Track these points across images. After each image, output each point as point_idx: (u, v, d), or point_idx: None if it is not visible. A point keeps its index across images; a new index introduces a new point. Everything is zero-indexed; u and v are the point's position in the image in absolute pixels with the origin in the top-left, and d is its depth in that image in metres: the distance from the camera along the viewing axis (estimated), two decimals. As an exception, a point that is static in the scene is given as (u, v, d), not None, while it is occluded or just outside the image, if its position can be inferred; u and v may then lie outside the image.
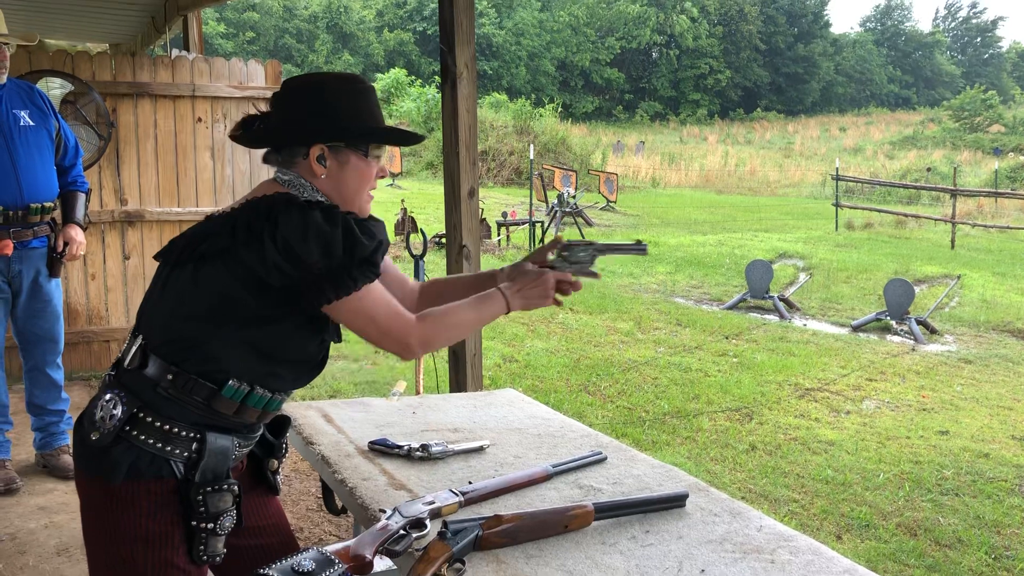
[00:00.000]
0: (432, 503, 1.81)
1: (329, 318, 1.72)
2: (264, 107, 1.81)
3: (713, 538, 1.77)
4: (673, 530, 1.81)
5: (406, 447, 2.23)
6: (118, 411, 1.61)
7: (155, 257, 1.75)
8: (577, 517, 1.77)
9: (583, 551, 1.71)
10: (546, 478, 2.06)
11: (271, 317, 1.64)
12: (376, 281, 1.67)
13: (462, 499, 1.87)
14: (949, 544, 3.96)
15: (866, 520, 4.16)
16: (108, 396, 1.65)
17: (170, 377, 1.62)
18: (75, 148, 4.09)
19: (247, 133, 1.76)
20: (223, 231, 1.63)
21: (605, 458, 2.24)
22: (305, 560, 1.51)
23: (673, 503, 1.91)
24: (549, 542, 1.73)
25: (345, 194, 1.75)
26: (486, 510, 1.82)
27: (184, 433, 1.63)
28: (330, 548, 1.57)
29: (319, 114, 1.71)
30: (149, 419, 1.61)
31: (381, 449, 2.26)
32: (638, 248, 1.99)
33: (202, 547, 1.65)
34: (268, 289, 1.61)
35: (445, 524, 1.64)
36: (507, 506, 1.89)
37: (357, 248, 1.61)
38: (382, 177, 1.81)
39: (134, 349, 1.67)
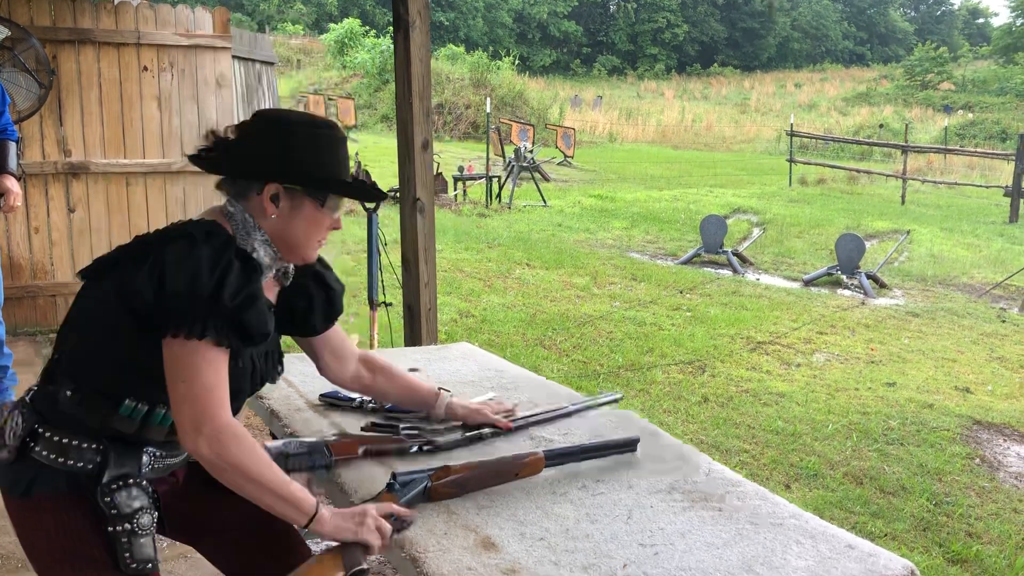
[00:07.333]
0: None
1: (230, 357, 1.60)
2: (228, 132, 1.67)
3: (662, 487, 1.79)
4: (623, 479, 1.82)
5: (358, 399, 2.21)
6: (19, 427, 1.59)
7: (77, 274, 1.66)
8: (528, 465, 1.77)
9: (534, 501, 1.71)
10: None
11: (155, 343, 1.53)
12: (225, 355, 1.54)
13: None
14: (893, 492, 4.06)
15: (814, 469, 4.25)
16: (16, 412, 1.62)
17: (68, 393, 1.57)
18: (1, 96, 3.94)
19: (207, 156, 1.66)
20: (128, 247, 1.58)
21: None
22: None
23: (624, 448, 1.92)
24: (500, 493, 1.73)
25: (291, 239, 1.68)
26: (436, 460, 1.82)
27: (85, 445, 1.57)
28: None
29: (283, 154, 1.62)
30: (48, 434, 1.57)
31: (332, 402, 2.24)
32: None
33: (127, 554, 1.56)
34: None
35: (393, 475, 1.63)
36: (458, 456, 1.88)
37: (224, 299, 1.50)
38: (335, 229, 1.72)
39: (46, 364, 1.64)
